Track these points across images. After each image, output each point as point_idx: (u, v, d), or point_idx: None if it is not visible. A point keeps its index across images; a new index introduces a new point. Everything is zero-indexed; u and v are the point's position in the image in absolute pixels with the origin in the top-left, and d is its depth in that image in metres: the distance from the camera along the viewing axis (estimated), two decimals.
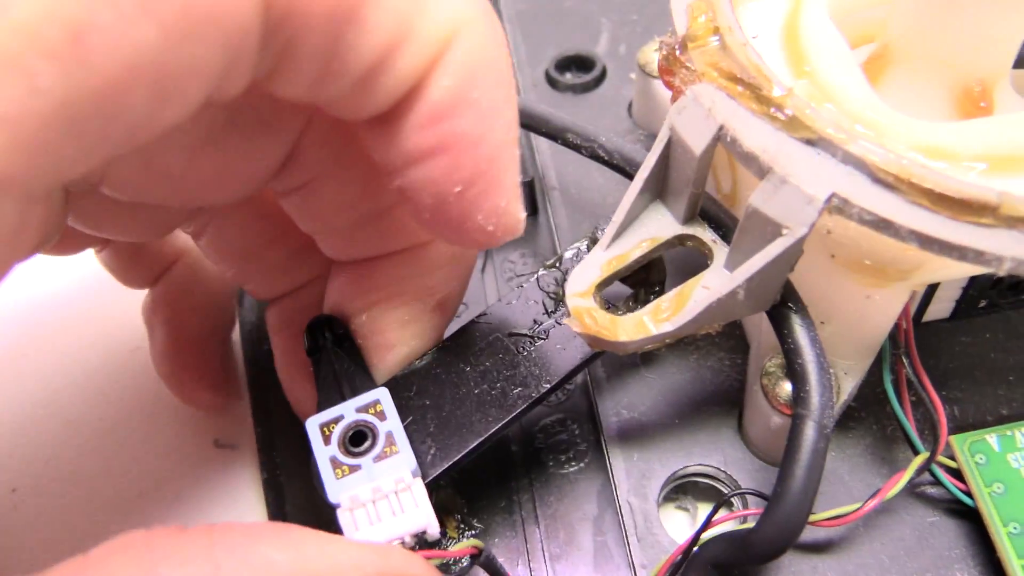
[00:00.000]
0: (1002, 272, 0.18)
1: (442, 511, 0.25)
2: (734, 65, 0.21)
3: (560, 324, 0.23)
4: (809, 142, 0.19)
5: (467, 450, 0.22)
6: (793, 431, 0.21)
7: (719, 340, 0.27)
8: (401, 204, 0.20)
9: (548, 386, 0.22)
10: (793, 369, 0.21)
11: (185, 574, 0.16)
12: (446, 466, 0.21)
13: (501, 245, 0.20)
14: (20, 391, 0.30)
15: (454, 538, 0.25)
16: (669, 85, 0.23)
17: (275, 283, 0.26)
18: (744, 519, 0.23)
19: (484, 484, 0.26)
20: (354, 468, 0.21)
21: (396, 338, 0.23)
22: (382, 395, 0.22)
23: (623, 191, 0.22)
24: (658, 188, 0.23)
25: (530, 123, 0.28)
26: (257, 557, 0.16)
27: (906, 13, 0.23)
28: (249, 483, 0.27)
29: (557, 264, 0.24)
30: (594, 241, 0.24)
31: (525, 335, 0.23)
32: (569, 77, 0.34)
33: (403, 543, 0.20)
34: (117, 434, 0.28)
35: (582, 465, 0.26)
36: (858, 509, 0.22)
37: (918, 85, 0.23)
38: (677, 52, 0.21)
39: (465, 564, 0.21)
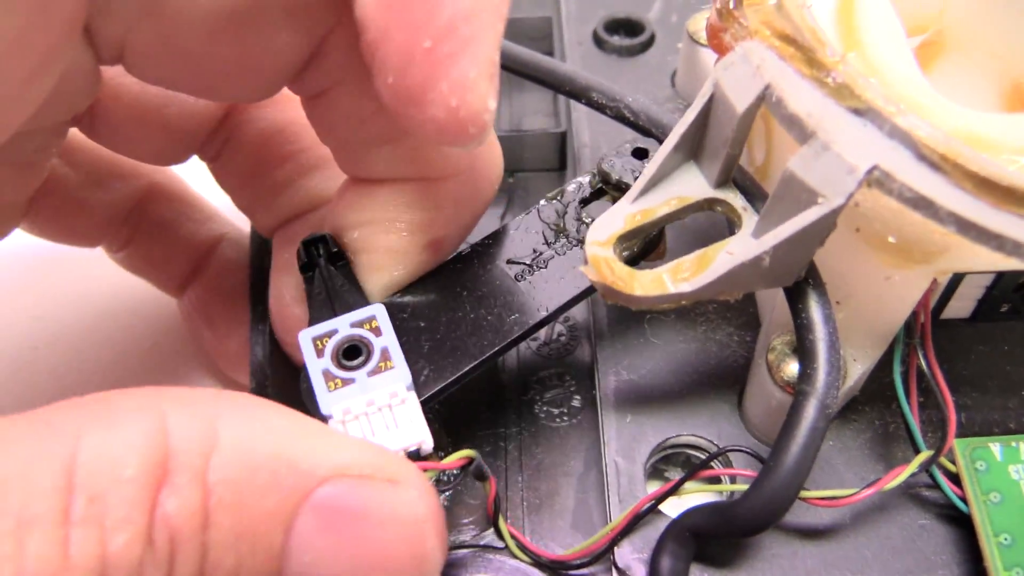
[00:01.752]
0: None
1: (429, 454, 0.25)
2: (788, 25, 0.20)
3: (560, 255, 0.23)
4: (857, 111, 0.19)
5: (461, 372, 0.21)
6: (794, 407, 0.20)
7: (730, 315, 0.26)
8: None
9: (544, 314, 0.22)
10: (803, 345, 0.21)
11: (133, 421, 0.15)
12: (440, 386, 0.21)
13: (460, 146, 0.19)
14: (31, 387, 0.30)
15: (436, 479, 0.25)
16: (717, 45, 0.23)
17: (282, 207, 0.26)
18: (730, 494, 0.23)
19: (473, 426, 0.26)
20: (347, 381, 0.20)
21: (382, 262, 0.22)
22: (378, 311, 0.21)
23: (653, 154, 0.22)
24: (694, 148, 0.22)
25: (553, 82, 0.27)
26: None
27: (965, 1, 0.22)
28: None
29: (559, 197, 0.24)
30: (597, 177, 0.24)
31: (524, 264, 0.23)
32: (616, 40, 0.33)
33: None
34: None
35: (574, 421, 0.26)
36: (854, 494, 0.21)
37: (967, 75, 0.22)
38: (732, 6, 0.21)
39: (456, 474, 0.21)
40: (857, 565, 0.22)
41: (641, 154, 0.24)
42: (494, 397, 0.27)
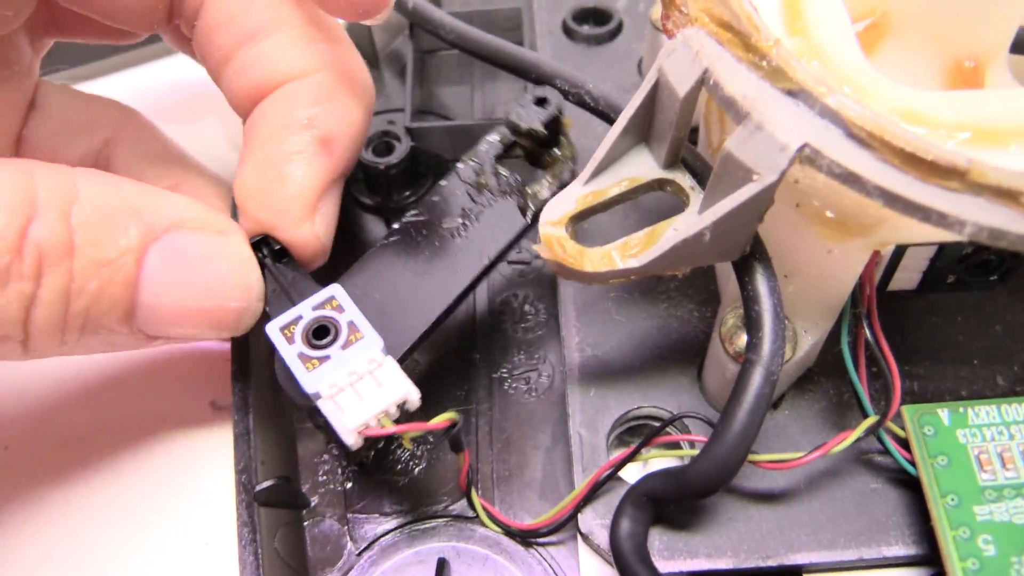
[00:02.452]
0: (963, 236, 0.18)
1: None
2: (726, 12, 0.21)
3: (488, 207, 0.25)
4: (789, 92, 0.20)
5: (425, 328, 0.23)
6: (741, 375, 0.21)
7: (691, 292, 0.27)
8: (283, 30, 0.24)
9: (486, 262, 0.24)
10: (750, 316, 0.22)
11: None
12: (410, 345, 0.23)
13: (374, 17, 0.23)
14: None
15: (409, 449, 0.26)
16: (666, 31, 0.23)
17: (241, 78, 0.26)
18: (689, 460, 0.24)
19: (445, 403, 0.27)
20: (323, 359, 0.21)
21: (291, 170, 0.24)
22: (336, 290, 0.23)
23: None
24: (643, 131, 0.23)
25: (519, 68, 0.28)
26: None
27: None
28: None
29: (473, 157, 0.26)
30: (508, 129, 0.26)
31: (457, 223, 0.25)
32: (586, 29, 0.34)
33: (387, 415, 0.21)
34: (113, 395, 0.29)
35: (542, 397, 0.27)
36: (801, 457, 0.22)
37: (911, 56, 0.23)
38: None
39: (439, 435, 0.22)
40: (811, 528, 0.23)
41: (542, 103, 0.26)
42: (465, 375, 0.28)
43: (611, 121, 0.26)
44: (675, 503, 0.23)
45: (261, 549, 0.24)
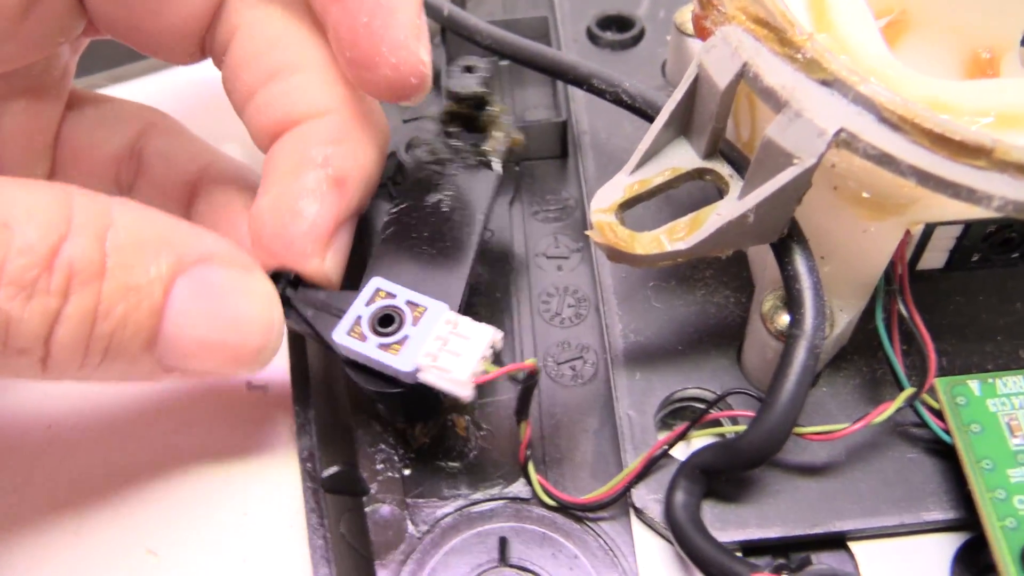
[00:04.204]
0: (990, 210, 0.20)
1: (454, 411, 0.28)
2: (761, 10, 0.22)
3: (457, 174, 0.28)
4: (824, 82, 0.21)
5: (465, 281, 0.25)
6: (786, 349, 0.23)
7: (726, 279, 0.29)
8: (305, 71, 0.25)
9: (483, 215, 0.27)
10: (791, 294, 0.23)
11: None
12: (460, 298, 0.24)
13: (411, 99, 0.24)
14: None
15: (463, 436, 0.28)
16: (701, 31, 0.25)
17: (265, 112, 0.27)
18: (733, 436, 0.25)
19: (491, 392, 0.28)
20: (402, 341, 0.23)
21: (304, 206, 0.25)
22: (377, 282, 0.24)
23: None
24: (683, 124, 0.25)
25: (557, 70, 0.30)
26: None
27: None
28: (281, 422, 0.29)
29: (422, 143, 0.29)
30: (451, 97, 0.29)
31: (438, 197, 0.27)
32: (609, 35, 0.36)
33: (486, 360, 0.22)
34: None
35: (587, 384, 0.28)
36: (845, 428, 0.23)
37: (931, 50, 0.25)
38: None
39: (522, 377, 0.23)
40: (854, 496, 0.25)
41: (470, 69, 0.28)
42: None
43: (647, 117, 0.27)
44: (727, 474, 0.24)
45: (329, 533, 0.25)
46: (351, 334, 0.23)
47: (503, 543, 0.25)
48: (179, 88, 0.38)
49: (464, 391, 0.22)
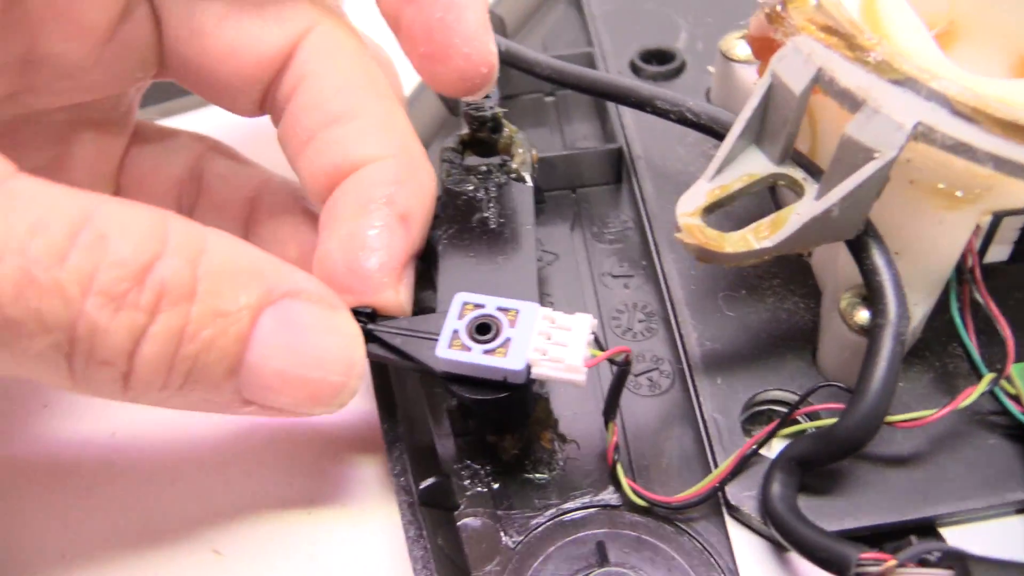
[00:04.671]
0: None
1: (537, 425, 0.28)
2: (829, 19, 0.24)
3: (495, 191, 0.29)
4: (896, 82, 0.23)
5: (536, 278, 0.26)
6: (872, 339, 0.23)
7: (793, 287, 0.30)
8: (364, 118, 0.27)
9: (532, 223, 0.28)
10: (872, 287, 0.24)
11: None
12: (538, 297, 0.26)
13: (482, 88, 0.26)
14: None
15: (548, 448, 0.28)
16: (760, 49, 0.27)
17: (317, 160, 0.28)
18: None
19: (576, 413, 0.29)
20: (506, 343, 0.23)
21: (375, 242, 0.26)
22: (462, 296, 0.25)
23: (704, 161, 0.26)
24: (755, 134, 0.26)
25: (619, 95, 0.31)
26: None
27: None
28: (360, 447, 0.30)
29: (450, 171, 0.30)
30: (472, 121, 0.31)
31: (485, 213, 0.29)
32: (652, 68, 0.37)
33: (591, 346, 0.23)
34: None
35: (665, 393, 0.29)
36: (934, 413, 0.24)
37: (980, 55, 0.26)
38: (779, 9, 0.25)
39: (620, 360, 0.24)
40: (941, 483, 0.25)
41: (483, 99, 0.30)
42: (589, 384, 0.30)
43: (712, 133, 0.29)
44: (822, 464, 0.25)
45: (429, 544, 0.25)
46: (452, 347, 0.24)
47: (601, 547, 0.26)
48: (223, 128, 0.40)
49: (579, 376, 0.23)
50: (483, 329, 0.24)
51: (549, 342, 0.23)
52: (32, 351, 0.19)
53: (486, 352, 0.24)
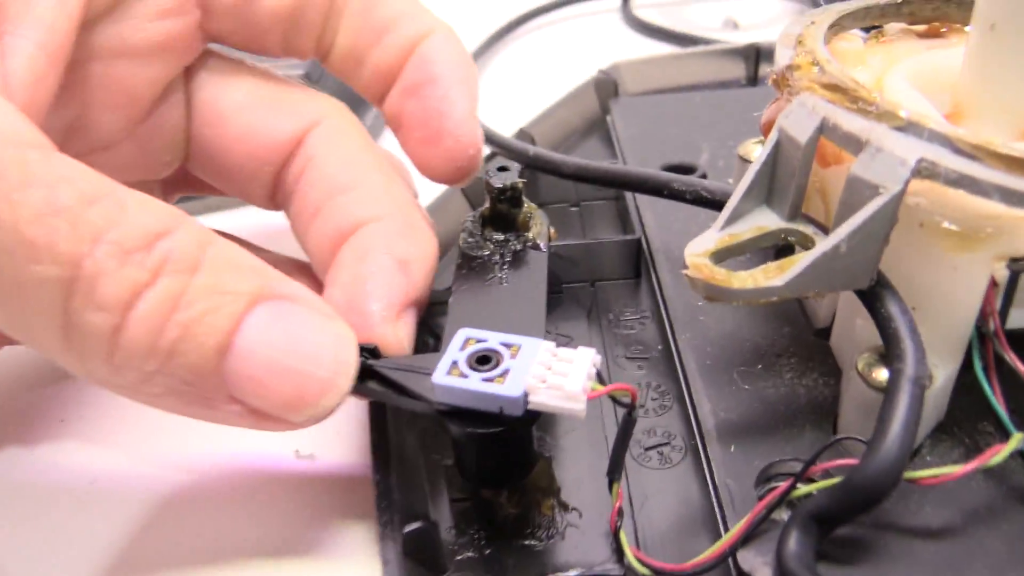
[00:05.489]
0: None
1: (538, 492, 0.27)
2: (832, 79, 0.25)
3: (509, 258, 0.30)
4: (899, 128, 0.23)
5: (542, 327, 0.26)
6: (890, 384, 0.22)
7: (812, 364, 0.29)
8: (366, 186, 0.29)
9: (543, 285, 0.28)
10: (887, 336, 0.23)
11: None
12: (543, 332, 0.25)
13: (469, 170, 0.30)
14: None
15: (548, 516, 0.26)
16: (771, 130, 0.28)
17: (321, 227, 0.30)
18: None
19: (579, 479, 0.28)
20: (505, 373, 0.23)
21: (373, 286, 0.27)
22: (465, 332, 0.24)
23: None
24: (765, 194, 0.26)
25: (636, 182, 0.32)
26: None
27: (971, 79, 0.27)
28: (333, 492, 0.29)
29: (467, 238, 0.31)
30: (492, 192, 0.31)
31: (497, 276, 0.29)
32: None
33: (591, 379, 0.22)
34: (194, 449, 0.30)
35: (675, 467, 0.28)
36: (958, 469, 0.22)
37: (987, 131, 0.27)
38: (786, 74, 0.26)
39: (625, 401, 0.23)
40: (975, 556, 0.23)
41: (503, 169, 0.31)
42: (595, 452, 0.28)
43: None
44: (842, 519, 0.22)
45: None
46: (450, 374, 0.23)
47: None
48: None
49: (578, 405, 0.22)
50: (483, 360, 0.24)
51: (549, 372, 0.23)
52: (37, 276, 0.20)
53: (484, 380, 0.23)
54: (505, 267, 0.29)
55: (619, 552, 0.25)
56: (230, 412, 0.23)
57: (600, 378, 0.23)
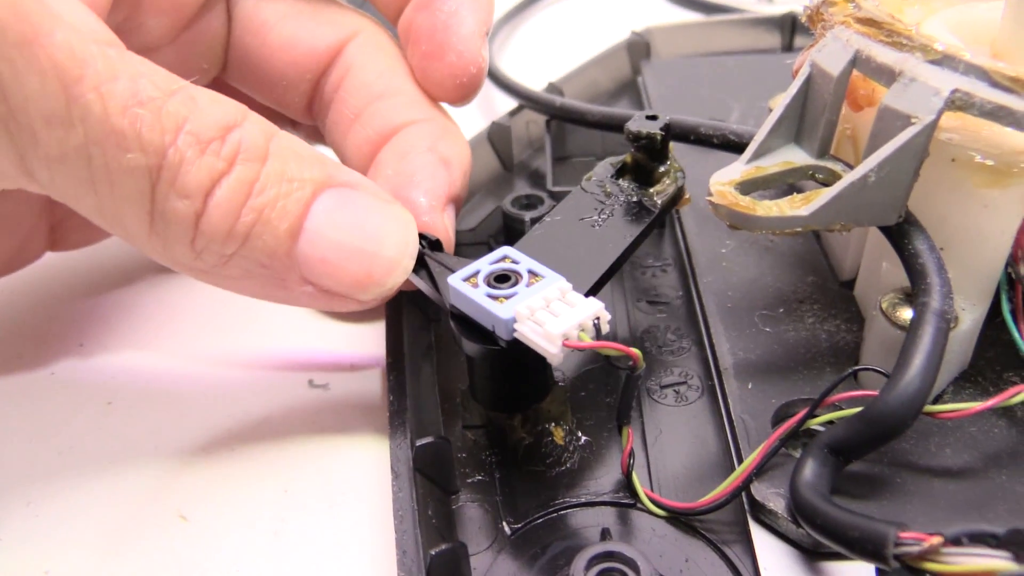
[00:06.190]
0: None
1: (551, 420, 0.27)
2: (867, 14, 0.25)
3: (618, 206, 0.28)
4: (934, 62, 0.23)
5: (599, 276, 0.25)
6: (915, 317, 0.22)
7: (835, 312, 0.28)
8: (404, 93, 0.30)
9: (631, 239, 0.27)
10: (913, 270, 0.23)
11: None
12: (591, 285, 0.24)
13: (470, 89, 0.30)
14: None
15: (561, 444, 0.26)
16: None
17: (360, 132, 0.31)
18: None
19: (595, 411, 0.27)
20: (511, 295, 0.23)
21: (419, 178, 0.28)
22: (506, 250, 0.24)
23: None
24: (794, 130, 0.26)
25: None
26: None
27: (1011, 30, 0.27)
28: (347, 416, 0.29)
29: (591, 177, 0.29)
30: (629, 136, 0.29)
31: (595, 217, 0.27)
32: None
33: (584, 330, 0.22)
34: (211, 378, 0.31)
35: (691, 404, 0.27)
36: (978, 405, 0.22)
37: None
38: (820, 9, 0.26)
39: (629, 363, 0.22)
40: (997, 498, 0.22)
41: (653, 118, 0.29)
42: (614, 388, 0.28)
43: None
44: (860, 451, 0.22)
45: (418, 509, 0.23)
46: (466, 281, 0.24)
47: (605, 532, 0.23)
48: None
49: (552, 348, 0.21)
50: (502, 279, 0.24)
51: (546, 308, 0.22)
52: (126, 165, 0.21)
53: (488, 295, 0.23)
54: (606, 214, 0.28)
55: (632, 492, 0.24)
56: (303, 293, 0.24)
57: (598, 332, 0.22)
